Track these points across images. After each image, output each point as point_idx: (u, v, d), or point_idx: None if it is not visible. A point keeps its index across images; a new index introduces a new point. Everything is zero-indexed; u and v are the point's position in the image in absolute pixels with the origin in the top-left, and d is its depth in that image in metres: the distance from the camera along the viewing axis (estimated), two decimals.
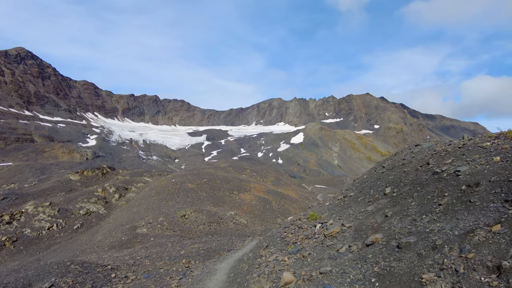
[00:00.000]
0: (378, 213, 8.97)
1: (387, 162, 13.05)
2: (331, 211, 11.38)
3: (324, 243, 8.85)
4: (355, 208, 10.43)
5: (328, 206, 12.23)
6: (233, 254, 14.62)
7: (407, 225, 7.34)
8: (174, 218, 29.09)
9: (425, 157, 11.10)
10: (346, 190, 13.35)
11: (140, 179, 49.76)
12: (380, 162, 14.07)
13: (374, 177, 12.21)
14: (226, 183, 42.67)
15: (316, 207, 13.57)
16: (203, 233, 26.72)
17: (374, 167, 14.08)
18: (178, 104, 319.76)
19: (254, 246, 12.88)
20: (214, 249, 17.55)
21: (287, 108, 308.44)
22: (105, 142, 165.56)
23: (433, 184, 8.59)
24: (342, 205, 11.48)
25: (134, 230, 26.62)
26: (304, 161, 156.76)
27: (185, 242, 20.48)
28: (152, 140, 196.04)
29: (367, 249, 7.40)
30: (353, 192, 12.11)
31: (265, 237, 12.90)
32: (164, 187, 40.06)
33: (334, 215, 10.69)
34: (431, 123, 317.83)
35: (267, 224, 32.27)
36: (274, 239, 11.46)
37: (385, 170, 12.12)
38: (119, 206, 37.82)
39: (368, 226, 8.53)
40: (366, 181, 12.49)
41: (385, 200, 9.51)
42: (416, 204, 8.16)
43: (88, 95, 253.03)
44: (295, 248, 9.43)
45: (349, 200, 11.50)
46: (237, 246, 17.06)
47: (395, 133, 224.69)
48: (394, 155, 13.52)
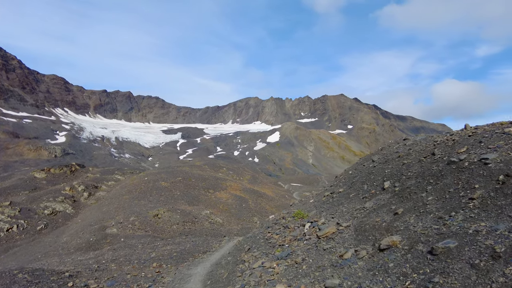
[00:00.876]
0: (381, 210, 8.10)
1: (376, 156, 12.49)
2: (319, 208, 10.71)
3: (319, 246, 7.89)
4: (349, 205, 9.71)
5: (313, 204, 11.58)
6: (209, 256, 13.72)
7: (432, 224, 6.28)
8: (146, 218, 27.85)
9: (425, 148, 10.41)
10: (332, 186, 12.72)
11: (111, 177, 47.80)
12: (366, 157, 13.58)
13: (365, 172, 11.58)
14: (201, 182, 41.63)
15: (298, 204, 12.93)
16: (176, 233, 25.69)
17: (360, 161, 13.56)
18: (152, 101, 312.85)
19: (233, 248, 11.99)
20: (188, 250, 16.37)
21: (264, 107, 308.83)
22: (76, 139, 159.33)
23: (451, 175, 7.62)
24: (331, 202, 10.77)
25: (103, 230, 25.21)
26: (280, 160, 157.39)
27: (157, 243, 19.29)
28: (125, 137, 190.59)
29: (382, 255, 6.22)
30: (342, 188, 11.46)
31: (246, 238, 11.99)
32: (136, 185, 38.54)
33: (324, 213, 9.97)
34: (402, 124, 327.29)
35: (243, 223, 31.58)
36: (256, 241, 10.63)
37: (377, 164, 11.51)
38: (88, 205, 36.03)
39: (373, 225, 7.55)
40: (355, 176, 11.89)
41: (386, 196, 8.79)
42: (434, 199, 7.19)
43: (58, 90, 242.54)
44: (284, 251, 8.50)
45: (339, 196, 10.81)
46: (213, 247, 16.15)
47: (367, 133, 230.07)
48: (380, 149, 13.11)
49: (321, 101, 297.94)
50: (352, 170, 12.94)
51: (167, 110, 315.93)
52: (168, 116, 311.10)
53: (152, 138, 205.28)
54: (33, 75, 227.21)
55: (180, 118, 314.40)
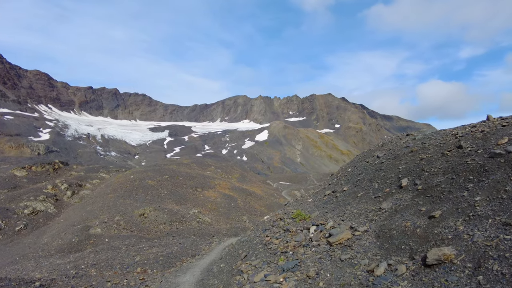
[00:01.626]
0: (407, 212, 6.98)
1: (380, 152, 11.85)
2: (322, 209, 10.01)
3: (333, 256, 6.75)
4: (359, 205, 8.86)
5: (313, 203, 10.93)
6: (198, 261, 12.67)
7: (498, 233, 4.90)
8: (132, 217, 26.91)
9: (445, 141, 9.50)
10: (330, 185, 12.02)
11: (96, 175, 46.49)
12: (365, 153, 12.99)
13: (371, 169, 10.84)
14: (189, 180, 40.77)
15: (294, 204, 12.29)
16: (163, 233, 24.86)
17: (359, 158, 12.96)
18: (139, 98, 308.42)
19: (225, 253, 11.13)
20: (175, 254, 15.32)
21: (252, 106, 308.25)
22: (60, 137, 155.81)
23: (501, 170, 6.52)
24: (335, 202, 10.03)
25: (86, 230, 24.18)
26: (268, 159, 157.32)
27: (142, 245, 18.33)
28: (111, 135, 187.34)
29: (434, 273, 4.85)
30: (346, 187, 10.75)
31: (241, 242, 11.02)
32: (122, 183, 37.44)
33: (329, 215, 9.18)
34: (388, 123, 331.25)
35: (232, 222, 30.92)
36: (254, 246, 9.70)
37: (385, 160, 10.73)
38: (72, 205, 34.81)
39: (402, 231, 6.31)
40: (359, 174, 11.21)
41: (406, 195, 7.90)
42: (484, 200, 6.04)
43: (41, 86, 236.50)
44: (289, 261, 7.36)
45: (344, 195, 10.05)
46: (203, 250, 15.14)
47: (354, 132, 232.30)
48: (381, 145, 12.57)
49: (309, 100, 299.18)
50: (352, 168, 12.29)
51: (154, 108, 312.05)
52: (155, 114, 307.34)
53: (139, 136, 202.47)
54: (14, 70, 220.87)
55: (167, 115, 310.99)
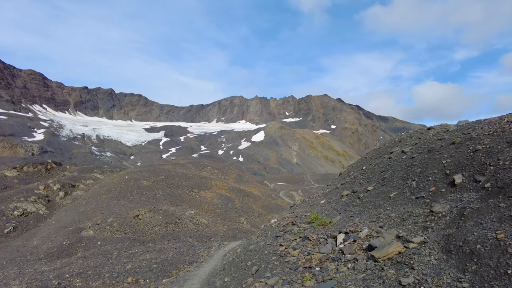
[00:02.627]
0: (487, 218, 5.54)
1: (404, 147, 10.77)
2: (344, 212, 8.93)
3: (387, 277, 5.27)
4: (396, 208, 7.69)
5: (330, 205, 9.97)
6: (197, 270, 11.47)
7: None
8: (126, 219, 26.02)
9: (503, 129, 8.30)
10: (343, 184, 11.00)
11: (89, 175, 45.48)
12: (381, 149, 12.03)
13: (399, 165, 9.70)
14: (185, 181, 39.91)
15: (302, 206, 11.41)
16: (158, 236, 24.00)
17: (375, 155, 11.91)
18: (134, 98, 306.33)
19: (227, 261, 10.12)
20: (171, 261, 14.10)
21: (249, 106, 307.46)
22: (55, 137, 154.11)
23: None
24: (359, 203, 8.96)
25: (78, 232, 23.29)
26: (265, 159, 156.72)
27: (134, 250, 17.21)
28: (106, 135, 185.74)
29: None
30: (370, 186, 9.67)
31: (248, 251, 9.66)
32: (116, 184, 36.50)
33: (356, 219, 7.99)
34: (384, 124, 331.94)
35: (229, 223, 30.13)
36: (266, 257, 8.34)
37: (416, 155, 9.58)
38: (64, 206, 33.84)
39: (494, 246, 4.79)
40: (383, 171, 10.16)
41: (471, 195, 6.53)
42: None
43: (36, 86, 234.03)
44: (321, 282, 5.81)
45: (370, 196, 8.96)
46: (201, 257, 13.98)
47: (350, 133, 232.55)
48: (399, 141, 11.73)
49: (305, 101, 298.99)
50: (367, 165, 11.37)
51: (149, 108, 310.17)
52: (151, 114, 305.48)
53: (134, 137, 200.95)
54: (8, 69, 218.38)
55: (163, 116, 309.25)
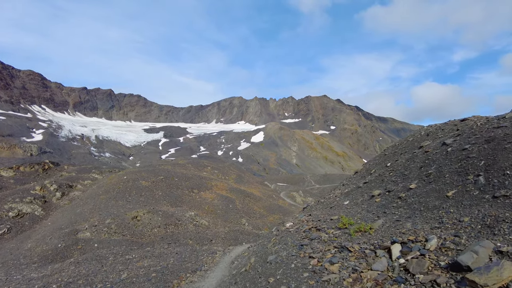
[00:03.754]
0: None
1: (446, 139, 9.73)
2: (385, 215, 7.73)
3: None
4: (465, 210, 6.37)
5: (360, 206, 8.91)
6: (202, 281, 10.36)
7: None
8: (124, 220, 25.24)
9: None
10: (367, 183, 10.02)
11: (87, 176, 44.69)
12: (407, 143, 10.99)
13: (448, 159, 8.44)
14: (185, 181, 39.15)
15: (318, 207, 10.45)
16: (158, 237, 23.22)
17: (401, 150, 10.80)
18: (134, 99, 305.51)
19: (237, 272, 9.05)
20: (171, 268, 12.79)
21: (248, 107, 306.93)
22: (53, 137, 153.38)
23: None
24: (404, 205, 7.65)
25: (75, 234, 22.49)
26: (264, 160, 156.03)
27: (132, 255, 16.10)
28: (105, 136, 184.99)
29: None
30: (412, 184, 8.42)
31: (266, 264, 8.28)
32: (114, 184, 35.71)
33: (408, 224, 6.63)
34: (383, 125, 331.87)
35: (231, 225, 29.36)
36: (294, 273, 6.89)
37: (470, 146, 8.41)
38: (61, 206, 33.03)
39: None
40: (423, 166, 8.98)
41: None
42: None
43: (35, 86, 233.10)
44: None
45: (416, 195, 7.68)
46: (205, 264, 12.85)
47: (350, 134, 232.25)
48: (426, 135, 10.78)
49: (304, 101, 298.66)
50: (392, 162, 10.38)
51: (149, 109, 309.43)
52: (150, 115, 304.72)
53: (134, 137, 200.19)
54: (7, 70, 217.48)
55: (162, 117, 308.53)
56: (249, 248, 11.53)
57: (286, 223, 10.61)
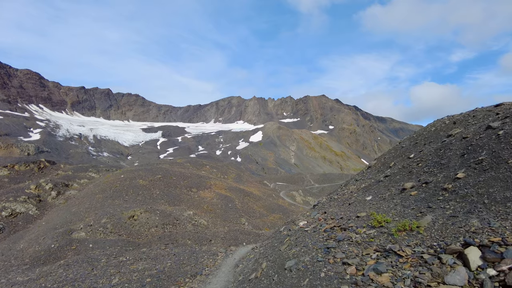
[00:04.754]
0: None
1: (493, 121, 8.77)
2: (432, 211, 6.65)
3: None
4: None
5: (395, 202, 7.90)
6: (203, 287, 9.44)
7: None
8: (120, 220, 24.52)
9: None
10: (389, 176, 9.24)
11: (84, 174, 43.95)
12: (436, 130, 10.14)
13: (503, 142, 7.46)
14: (183, 180, 38.44)
15: (330, 204, 9.69)
16: (155, 237, 22.51)
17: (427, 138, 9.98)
18: (132, 98, 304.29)
19: (244, 278, 8.24)
20: (168, 273, 11.58)
21: (246, 107, 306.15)
22: (51, 137, 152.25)
23: None
24: (455, 197, 6.62)
25: (69, 234, 21.76)
26: (263, 159, 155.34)
27: (126, 257, 15.01)
28: (103, 135, 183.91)
29: None
30: (460, 173, 7.39)
31: (284, 270, 7.39)
32: (111, 183, 34.99)
33: (474, 221, 5.41)
34: (382, 125, 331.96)
35: (230, 224, 28.68)
36: (327, 284, 5.86)
37: None
38: (56, 206, 32.31)
39: None
40: (472, 152, 7.96)
41: None
42: None
43: (32, 86, 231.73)
44: None
45: (470, 186, 6.66)
46: (206, 267, 11.82)
47: (348, 133, 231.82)
48: (453, 122, 9.92)
49: (303, 101, 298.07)
50: (415, 153, 9.57)
51: (147, 108, 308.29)
52: (148, 114, 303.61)
53: (132, 137, 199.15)
54: (4, 69, 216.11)
55: (160, 116, 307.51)
56: (254, 250, 10.71)
57: (298, 221, 9.81)
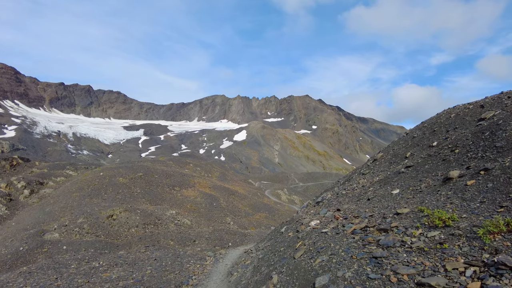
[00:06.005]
0: None
1: None
2: (488, 202, 5.68)
3: None
4: None
5: (440, 194, 6.70)
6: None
7: None
8: (98, 219, 23.03)
9: None
10: (411, 167, 8.26)
11: (61, 172, 41.81)
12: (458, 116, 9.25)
13: None
14: (165, 178, 37.01)
15: (348, 201, 8.38)
16: (135, 238, 21.18)
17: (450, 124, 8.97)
18: (113, 95, 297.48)
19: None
20: (147, 283, 9.68)
21: (231, 106, 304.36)
22: (27, 134, 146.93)
23: None
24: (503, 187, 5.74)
25: (41, 236, 20.18)
26: (247, 158, 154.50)
27: (98, 264, 12.94)
28: (83, 133, 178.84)
29: None
30: (507, 160, 6.55)
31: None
32: (89, 181, 33.27)
33: None
34: (364, 125, 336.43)
35: (215, 224, 27.56)
36: None
37: None
38: (29, 205, 30.38)
39: None
40: None
41: None
42: None
43: (7, 81, 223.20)
44: None
45: None
46: (193, 274, 9.98)
47: (331, 133, 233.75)
48: (481, 106, 9.15)
49: (287, 101, 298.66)
50: (438, 140, 8.71)
51: (129, 106, 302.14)
52: (130, 112, 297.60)
53: (113, 135, 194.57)
54: None
55: (142, 114, 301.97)
56: (250, 254, 9.45)
57: (305, 220, 8.49)
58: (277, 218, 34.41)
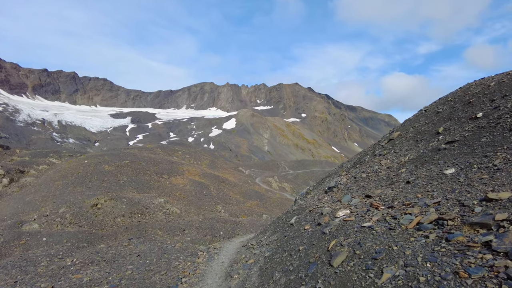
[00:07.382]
0: None
1: None
2: None
3: None
4: None
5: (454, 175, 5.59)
6: None
7: None
8: (81, 209, 21.80)
9: None
10: (456, 141, 7.03)
11: (43, 160, 40.14)
12: (494, 87, 8.34)
13: None
14: (153, 166, 35.76)
15: (375, 185, 6.71)
16: (121, 228, 20.10)
17: (491, 93, 8.09)
18: (99, 82, 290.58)
19: None
20: (129, 284, 8.10)
21: (220, 93, 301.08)
22: (10, 122, 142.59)
23: None
24: None
25: (19, 227, 18.90)
26: (236, 147, 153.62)
27: (71, 261, 11.30)
28: (69, 121, 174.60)
29: None
30: None
31: None
32: (73, 169, 31.83)
33: None
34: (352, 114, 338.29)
35: (205, 212, 26.63)
36: None
37: None
38: (8, 195, 28.86)
39: None
40: None
41: None
42: None
43: None
44: None
45: None
46: (183, 277, 8.25)
47: (320, 122, 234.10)
48: (506, 75, 8.30)
49: (276, 89, 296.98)
50: (484, 109, 7.53)
51: (115, 93, 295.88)
52: (116, 100, 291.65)
53: (99, 123, 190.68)
54: None
55: (129, 101, 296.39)
56: (251, 250, 8.16)
57: (330, 210, 6.79)
58: (269, 206, 33.71)
